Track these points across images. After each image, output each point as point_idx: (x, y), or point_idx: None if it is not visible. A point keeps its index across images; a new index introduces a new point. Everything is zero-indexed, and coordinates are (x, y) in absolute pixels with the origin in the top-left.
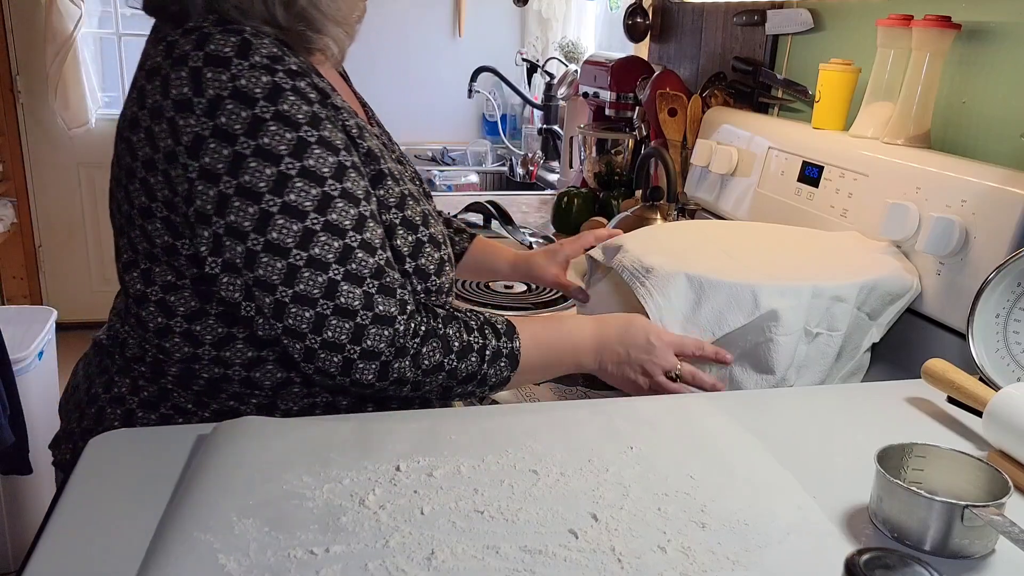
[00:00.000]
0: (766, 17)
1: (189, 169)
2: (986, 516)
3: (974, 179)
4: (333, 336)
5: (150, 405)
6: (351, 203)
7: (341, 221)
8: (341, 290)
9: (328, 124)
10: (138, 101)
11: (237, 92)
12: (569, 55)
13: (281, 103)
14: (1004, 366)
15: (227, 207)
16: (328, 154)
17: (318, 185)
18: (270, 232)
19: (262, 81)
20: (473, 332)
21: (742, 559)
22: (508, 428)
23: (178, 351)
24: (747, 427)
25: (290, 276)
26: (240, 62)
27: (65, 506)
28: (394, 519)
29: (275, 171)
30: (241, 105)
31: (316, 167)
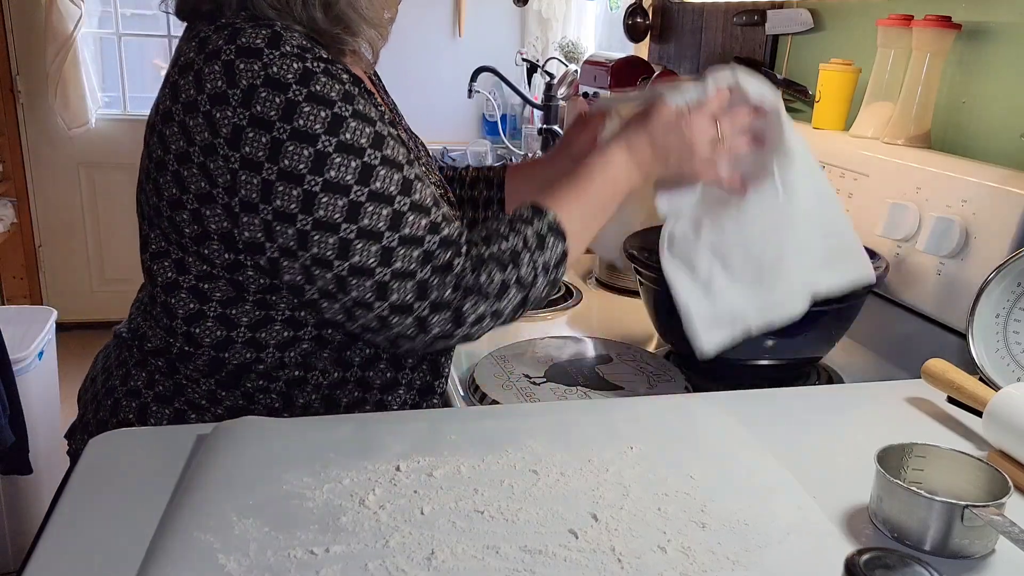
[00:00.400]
0: (766, 17)
1: (231, 160)
2: (986, 516)
3: (974, 179)
4: (400, 298)
5: (164, 399)
6: (394, 168)
7: (387, 188)
8: (398, 255)
9: (362, 100)
10: (171, 96)
11: (269, 79)
12: (569, 55)
13: (313, 84)
14: (1004, 366)
15: (272, 193)
16: (364, 125)
17: (357, 157)
18: (316, 211)
19: (293, 67)
20: (509, 237)
21: (742, 559)
22: (508, 428)
23: (209, 336)
24: (747, 427)
25: (344, 250)
26: (271, 52)
27: (65, 506)
28: (394, 519)
29: (312, 151)
30: (275, 92)
31: (353, 140)
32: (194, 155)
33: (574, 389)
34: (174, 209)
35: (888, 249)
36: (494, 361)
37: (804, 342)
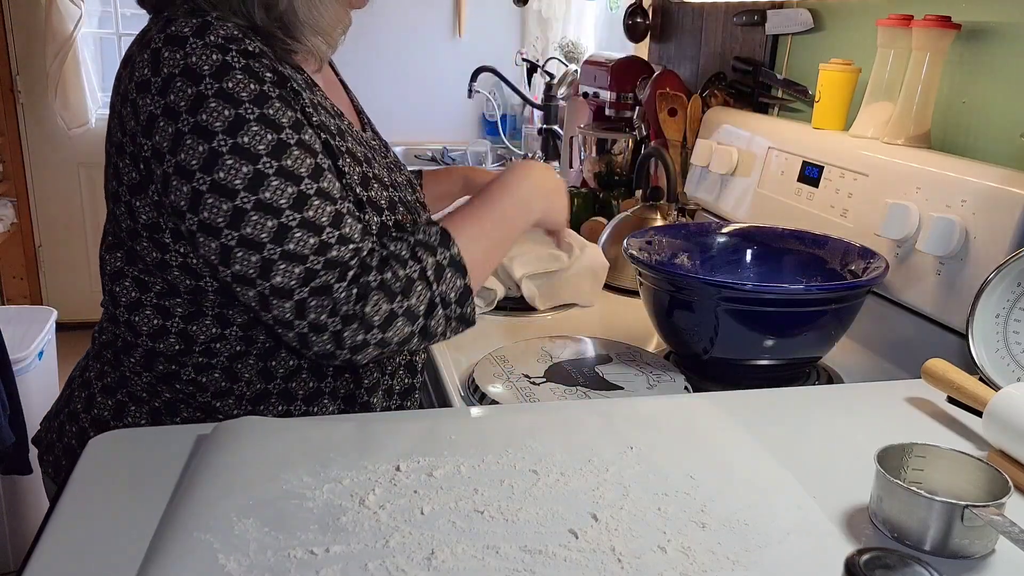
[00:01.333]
0: (766, 17)
1: (144, 148)
2: (986, 516)
3: (974, 179)
4: (280, 314)
5: (109, 391)
6: (289, 181)
7: (276, 200)
8: (278, 268)
9: (277, 103)
10: (115, 89)
11: (187, 69)
12: (569, 55)
13: (227, 80)
14: (1004, 366)
15: (169, 187)
16: (267, 131)
17: (250, 163)
18: (201, 212)
19: (212, 59)
20: (407, 263)
21: (742, 559)
22: (508, 428)
23: (147, 324)
24: (747, 427)
25: (225, 256)
26: (195, 41)
27: (65, 506)
28: (394, 519)
29: (207, 148)
30: (188, 82)
31: (250, 144)
32: (126, 145)
33: (574, 389)
34: (115, 202)
35: (888, 249)
36: (494, 361)
37: (803, 342)
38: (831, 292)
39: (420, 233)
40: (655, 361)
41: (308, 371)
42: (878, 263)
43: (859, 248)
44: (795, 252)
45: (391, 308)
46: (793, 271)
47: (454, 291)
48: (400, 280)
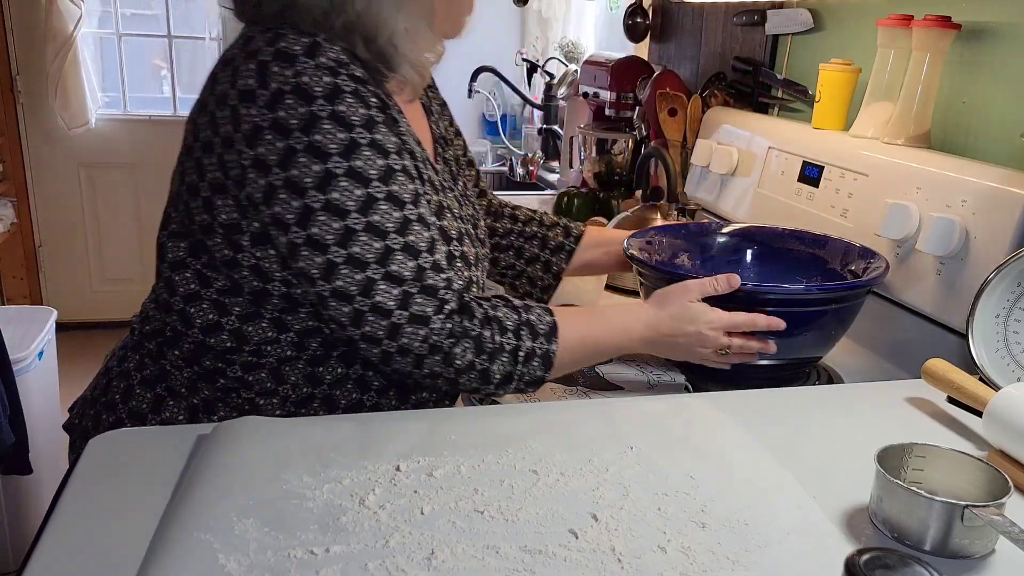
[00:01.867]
0: (766, 17)
1: (243, 156)
2: (986, 516)
3: (974, 179)
4: (372, 331)
5: (148, 383)
6: (395, 206)
7: (383, 223)
8: (378, 289)
9: (383, 128)
10: (209, 87)
11: (299, 88)
12: (569, 55)
13: (338, 103)
14: (1004, 366)
15: (274, 198)
16: (377, 156)
17: (363, 186)
18: (311, 227)
19: (324, 81)
20: (507, 333)
21: (742, 559)
22: (508, 428)
23: (201, 317)
24: (747, 427)
25: (328, 271)
26: (306, 60)
27: (65, 506)
28: (394, 519)
29: (322, 168)
30: (301, 101)
31: (363, 168)
32: (216, 145)
33: (574, 389)
34: (191, 194)
35: (888, 249)
36: None
37: (804, 342)
38: (831, 292)
39: (533, 314)
40: (655, 361)
41: (354, 382)
42: (878, 263)
43: (859, 248)
44: (796, 252)
45: (473, 361)
46: (794, 271)
47: (531, 375)
48: (494, 344)
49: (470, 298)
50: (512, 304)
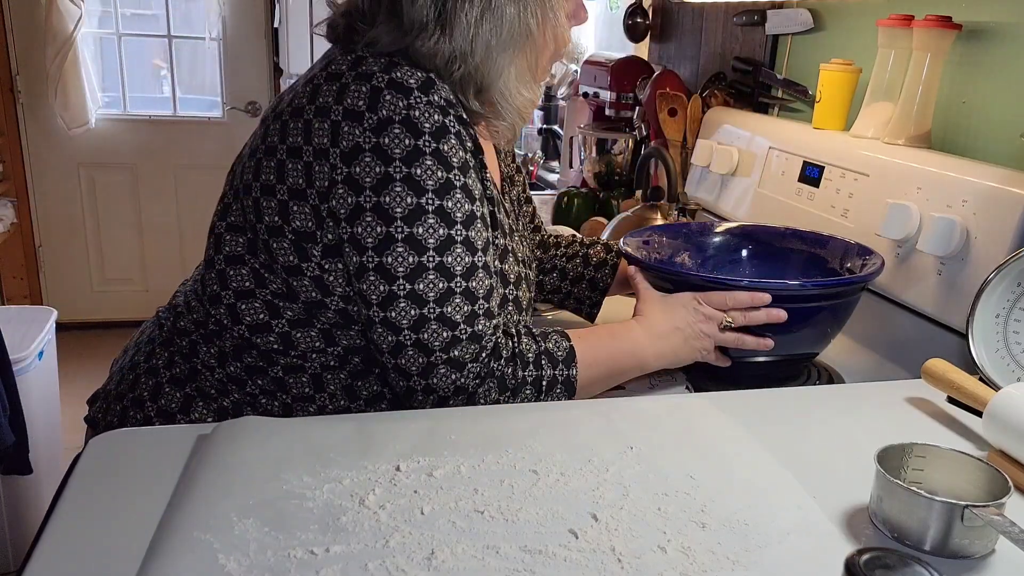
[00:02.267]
0: (766, 17)
1: (336, 171)
2: (986, 516)
3: (974, 179)
4: (406, 364)
5: (178, 382)
6: (469, 251)
7: (454, 265)
8: (429, 327)
9: (473, 174)
10: (309, 96)
11: (408, 120)
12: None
13: (443, 142)
14: (1004, 366)
15: (359, 218)
16: (466, 201)
17: (447, 227)
18: (387, 255)
19: (434, 118)
20: (528, 367)
21: (742, 559)
22: (508, 428)
23: (251, 315)
24: (747, 427)
25: (387, 301)
26: (420, 96)
27: (65, 506)
28: (394, 519)
29: (415, 202)
30: (408, 133)
31: (452, 210)
32: (305, 154)
33: None
34: (264, 193)
35: (888, 249)
36: None
37: (800, 339)
38: (826, 288)
39: (550, 342)
40: None
41: (389, 401)
42: (875, 260)
43: (857, 246)
44: (795, 251)
45: (498, 399)
46: (792, 270)
47: (553, 400)
48: (516, 380)
49: (501, 332)
50: (532, 333)
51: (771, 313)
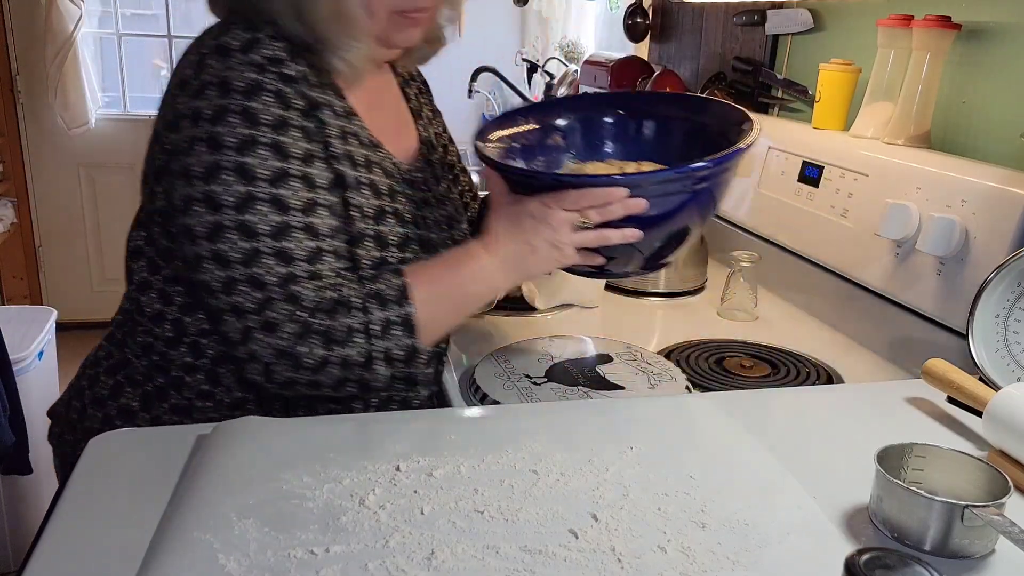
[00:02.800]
0: (766, 17)
1: (166, 142)
2: (986, 516)
3: (974, 179)
4: (229, 331)
5: (99, 401)
6: (277, 210)
7: (257, 224)
8: (238, 289)
9: (295, 132)
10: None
11: (222, 81)
12: (569, 55)
13: (254, 100)
14: (1004, 366)
15: (173, 186)
16: (274, 158)
17: (247, 184)
18: (187, 217)
19: (247, 77)
20: (353, 312)
21: (742, 559)
22: (508, 428)
23: (150, 307)
24: (747, 427)
25: (195, 263)
26: (239, 56)
27: (65, 506)
28: (394, 519)
29: (212, 160)
30: (219, 94)
31: (252, 166)
32: (158, 133)
33: (574, 389)
34: (144, 180)
35: (888, 249)
36: (494, 361)
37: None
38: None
39: (380, 282)
40: (655, 361)
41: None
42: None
43: (739, 113)
44: (676, 119)
45: (325, 355)
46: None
47: (400, 349)
48: (341, 329)
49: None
50: (361, 277)
51: (629, 204)
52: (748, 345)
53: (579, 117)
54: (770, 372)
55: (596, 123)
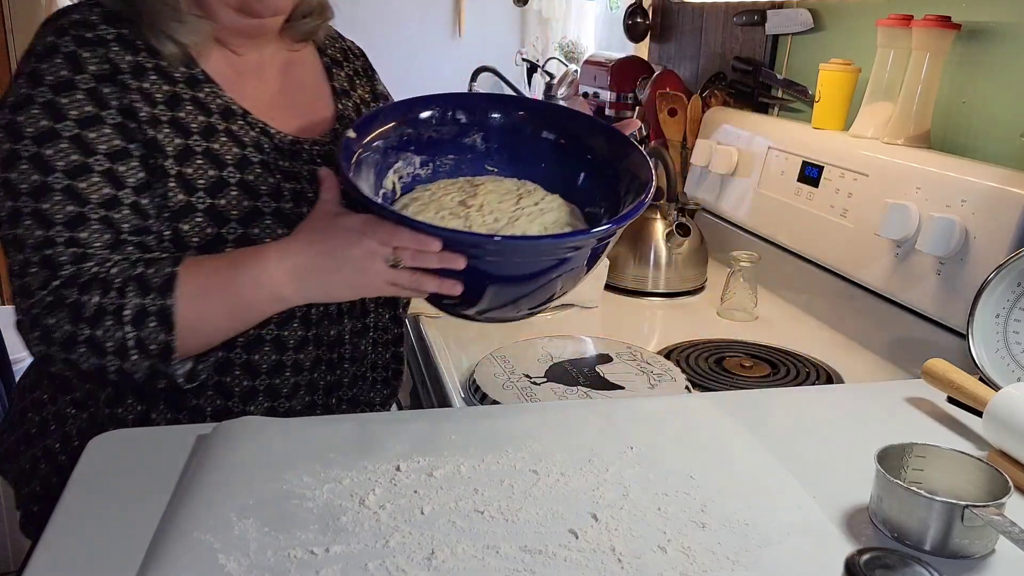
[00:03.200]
0: (766, 17)
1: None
2: (986, 516)
3: (974, 179)
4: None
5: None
6: (38, 170)
7: (18, 183)
8: (6, 251)
9: (79, 96)
10: None
11: (33, 49)
12: (569, 55)
13: (43, 62)
14: (1004, 366)
15: None
16: (44, 118)
17: (13, 142)
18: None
19: (46, 41)
20: (110, 292)
21: (742, 559)
22: (508, 428)
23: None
24: (747, 427)
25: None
26: (50, 23)
27: (65, 506)
28: (394, 519)
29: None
30: (26, 59)
31: (22, 124)
32: None
33: (574, 389)
34: None
35: (888, 249)
36: (494, 361)
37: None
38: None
39: (151, 267)
40: (655, 361)
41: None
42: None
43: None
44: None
45: (72, 331)
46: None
47: (155, 344)
48: (91, 307)
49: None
50: (135, 259)
51: (445, 258)
52: (748, 345)
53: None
54: (770, 372)
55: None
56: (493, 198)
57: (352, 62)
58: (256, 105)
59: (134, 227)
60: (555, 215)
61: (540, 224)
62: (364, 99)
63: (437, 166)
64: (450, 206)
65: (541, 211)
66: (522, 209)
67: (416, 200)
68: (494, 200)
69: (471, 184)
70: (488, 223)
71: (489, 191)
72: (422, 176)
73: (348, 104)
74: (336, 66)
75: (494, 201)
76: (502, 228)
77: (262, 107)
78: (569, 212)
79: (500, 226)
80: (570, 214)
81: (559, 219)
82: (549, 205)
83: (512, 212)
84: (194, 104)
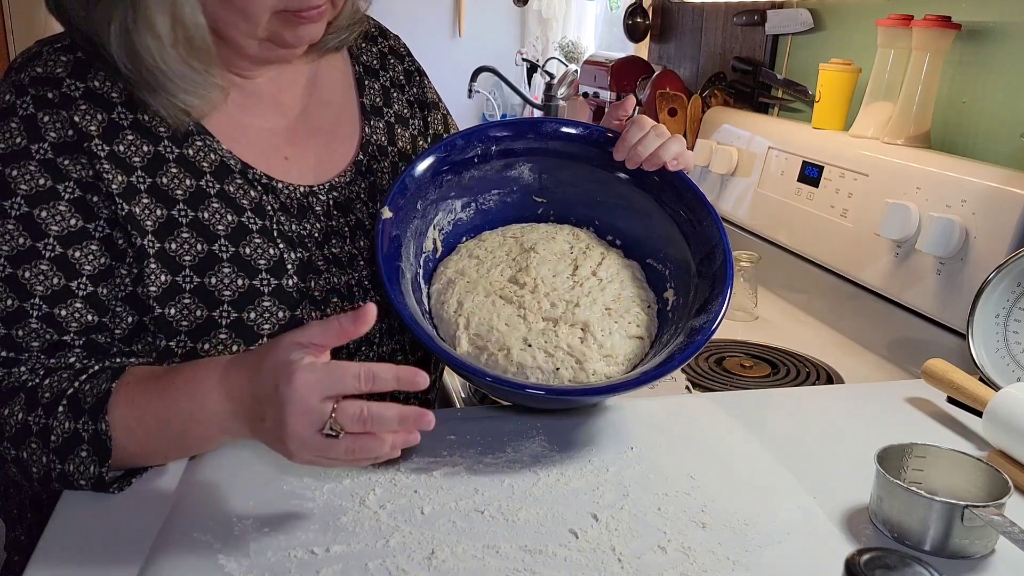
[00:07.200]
0: (766, 17)
1: None
2: (986, 516)
3: (974, 179)
4: None
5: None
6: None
7: None
8: None
9: (31, 167)
10: None
11: None
12: (569, 55)
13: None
14: (1004, 366)
15: None
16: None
17: None
18: None
19: (3, 99)
20: (37, 409)
21: (742, 559)
22: (508, 428)
23: None
24: (747, 427)
25: None
26: (10, 75)
27: (65, 506)
28: (394, 519)
29: None
30: None
31: None
32: None
33: None
34: None
35: (888, 249)
36: None
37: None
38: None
39: (90, 381)
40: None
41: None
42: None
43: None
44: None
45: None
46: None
47: (84, 477)
48: (15, 425)
49: (25, 368)
50: (81, 370)
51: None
52: (748, 345)
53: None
54: (770, 372)
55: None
56: (546, 270)
57: (392, 68)
58: (264, 144)
59: (83, 326)
60: (616, 288)
61: (601, 306)
62: (401, 115)
63: (480, 204)
64: (499, 285)
65: (602, 287)
66: (580, 287)
67: (462, 276)
68: (547, 272)
69: (520, 246)
70: (545, 309)
71: (541, 259)
72: (464, 220)
73: (379, 125)
74: (370, 76)
75: (548, 274)
76: (560, 329)
77: (275, 142)
78: (631, 278)
79: (559, 313)
80: (632, 280)
81: (621, 295)
82: (608, 273)
83: (570, 294)
84: (180, 164)
